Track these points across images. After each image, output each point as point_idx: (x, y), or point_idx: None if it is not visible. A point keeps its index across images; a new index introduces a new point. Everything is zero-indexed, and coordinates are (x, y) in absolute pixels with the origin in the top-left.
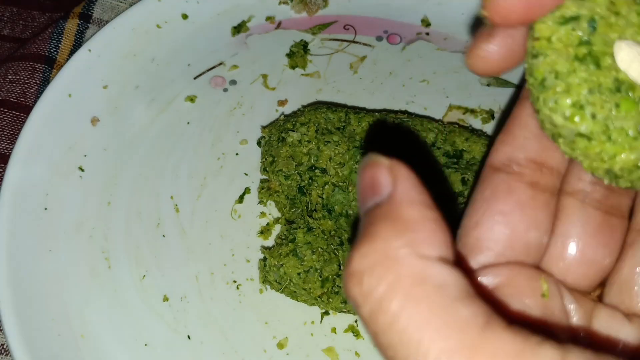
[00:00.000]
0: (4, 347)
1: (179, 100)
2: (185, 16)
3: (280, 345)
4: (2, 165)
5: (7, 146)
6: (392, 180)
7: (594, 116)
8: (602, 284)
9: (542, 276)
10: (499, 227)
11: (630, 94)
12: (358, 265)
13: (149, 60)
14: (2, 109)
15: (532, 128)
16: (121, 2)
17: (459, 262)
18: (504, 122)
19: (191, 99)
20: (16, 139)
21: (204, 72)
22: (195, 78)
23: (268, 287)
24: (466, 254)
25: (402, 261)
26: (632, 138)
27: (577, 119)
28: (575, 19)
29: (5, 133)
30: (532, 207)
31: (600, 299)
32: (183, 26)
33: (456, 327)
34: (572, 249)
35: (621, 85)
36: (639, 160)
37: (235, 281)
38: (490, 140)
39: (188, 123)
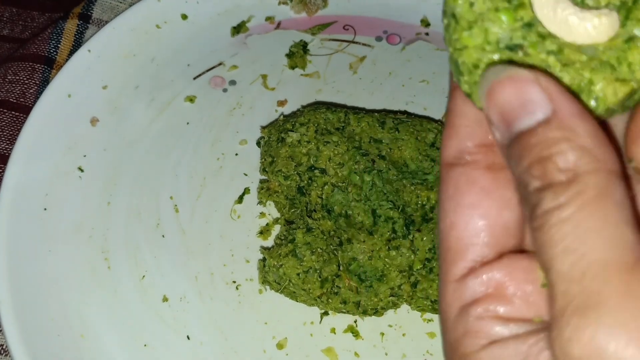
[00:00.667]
0: (4, 347)
1: (179, 101)
2: (184, 16)
3: (280, 346)
4: (2, 165)
5: (7, 147)
6: (547, 96)
7: (472, 4)
8: None
9: (537, 264)
10: (474, 219)
11: (517, 10)
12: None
13: (149, 60)
14: (1, 109)
15: (470, 115)
16: (121, 2)
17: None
18: None
19: (191, 99)
20: (16, 139)
21: (203, 73)
22: (194, 78)
23: (267, 287)
24: (452, 259)
25: (591, 171)
26: (488, 41)
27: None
28: None
29: (4, 133)
30: (497, 188)
31: None
32: (183, 26)
33: (621, 245)
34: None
35: (516, 1)
36: (480, 62)
37: (234, 281)
38: None
39: (188, 123)
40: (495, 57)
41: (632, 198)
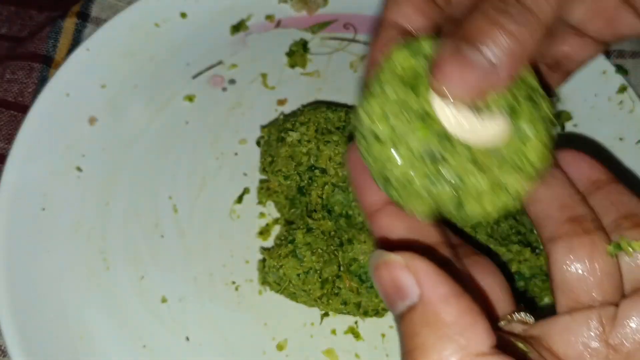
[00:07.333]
0: (2, 349)
1: (178, 100)
2: (184, 15)
3: (280, 347)
4: (0, 165)
5: (5, 146)
6: (415, 279)
7: (393, 128)
8: None
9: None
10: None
11: (428, 123)
12: None
13: (148, 59)
14: None
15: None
16: (119, 0)
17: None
18: None
19: (190, 98)
20: (14, 138)
21: (202, 71)
22: (194, 77)
23: (267, 288)
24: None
25: None
26: (415, 158)
27: (378, 124)
28: (425, 56)
29: (2, 133)
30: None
31: None
32: (182, 25)
33: None
34: None
35: (427, 116)
36: (413, 179)
37: (234, 282)
38: None
39: (187, 123)
40: (425, 170)
41: None
